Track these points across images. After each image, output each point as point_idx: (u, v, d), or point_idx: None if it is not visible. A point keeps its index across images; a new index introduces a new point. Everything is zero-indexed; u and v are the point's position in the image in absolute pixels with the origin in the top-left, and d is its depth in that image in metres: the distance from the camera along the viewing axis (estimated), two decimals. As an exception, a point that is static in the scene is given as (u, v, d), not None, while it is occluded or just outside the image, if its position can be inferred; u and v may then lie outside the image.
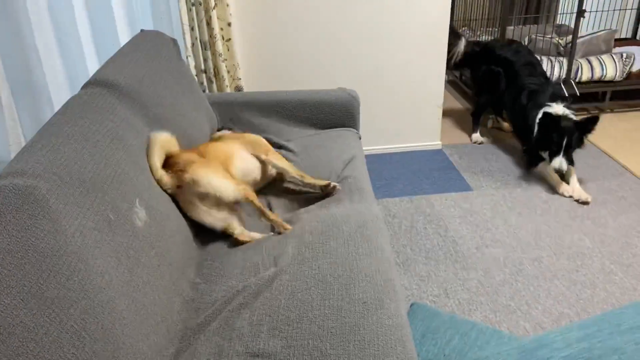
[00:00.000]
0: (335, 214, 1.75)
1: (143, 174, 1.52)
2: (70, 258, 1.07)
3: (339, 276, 1.45)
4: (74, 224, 1.15)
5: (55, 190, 1.16)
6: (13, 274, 0.95)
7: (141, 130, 1.65)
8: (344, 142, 2.27)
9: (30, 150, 1.26)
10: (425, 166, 3.13)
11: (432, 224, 2.56)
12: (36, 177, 1.15)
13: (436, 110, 3.22)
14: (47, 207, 1.10)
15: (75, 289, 1.04)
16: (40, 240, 1.04)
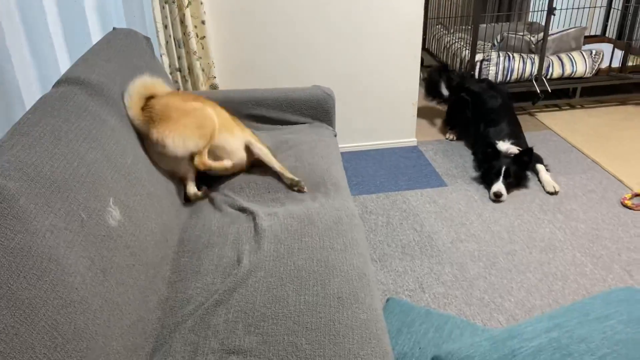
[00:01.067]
0: (311, 210, 1.77)
1: (119, 173, 1.51)
2: (41, 258, 1.06)
3: (314, 272, 1.46)
4: (45, 224, 1.13)
5: (25, 190, 1.15)
6: (-18, 275, 0.94)
7: (115, 127, 1.63)
8: (319, 139, 2.28)
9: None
10: (401, 163, 3.16)
11: (408, 220, 2.58)
12: (5, 177, 1.13)
13: (411, 108, 3.26)
14: (16, 206, 1.08)
15: (47, 289, 1.03)
16: (10, 240, 1.03)
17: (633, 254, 2.31)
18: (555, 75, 3.70)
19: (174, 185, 1.88)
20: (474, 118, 3.27)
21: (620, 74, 3.79)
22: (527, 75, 3.64)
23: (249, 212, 1.79)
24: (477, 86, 3.40)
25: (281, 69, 3.00)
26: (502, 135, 2.99)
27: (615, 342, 1.22)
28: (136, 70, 1.96)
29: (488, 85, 3.39)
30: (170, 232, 1.68)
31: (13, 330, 0.93)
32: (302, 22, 2.92)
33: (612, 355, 1.16)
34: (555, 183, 2.84)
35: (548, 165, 3.05)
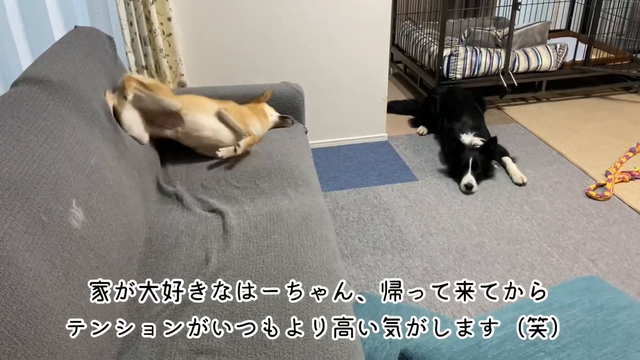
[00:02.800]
0: (281, 207, 1.76)
1: (82, 173, 1.47)
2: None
3: (283, 269, 1.46)
4: (3, 228, 1.10)
5: (-19, 193, 1.11)
6: None
7: (77, 126, 1.60)
8: (289, 135, 2.27)
9: (-47, 152, 1.20)
10: (372, 158, 3.18)
11: (379, 215, 2.60)
12: (-41, 180, 1.10)
13: (381, 103, 3.27)
14: (-28, 210, 1.05)
15: (6, 294, 1.01)
16: (-35, 245, 1.00)
17: (597, 244, 2.37)
18: (521, 69, 3.76)
19: (141, 183, 1.86)
20: (440, 114, 3.33)
21: (584, 67, 3.88)
22: (494, 69, 3.69)
23: (218, 211, 1.78)
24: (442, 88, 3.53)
25: (250, 65, 2.98)
26: (465, 128, 3.04)
27: (578, 330, 1.25)
28: (97, 70, 1.92)
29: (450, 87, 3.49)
30: (136, 232, 1.65)
31: (-31, 337, 0.90)
32: (270, 19, 2.90)
33: (575, 343, 1.19)
34: (523, 174, 2.89)
35: (516, 157, 3.10)
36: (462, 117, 3.14)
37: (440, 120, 3.32)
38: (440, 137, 3.34)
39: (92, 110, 1.73)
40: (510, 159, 3.03)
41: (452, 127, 3.12)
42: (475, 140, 2.93)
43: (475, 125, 3.09)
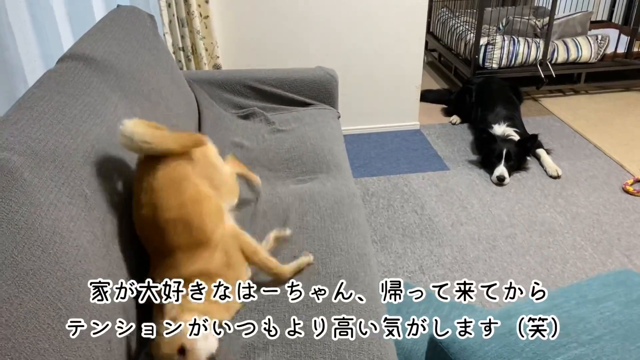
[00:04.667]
0: (313, 190, 1.77)
1: (122, 150, 1.51)
2: (45, 231, 1.07)
3: (314, 251, 1.47)
4: (49, 198, 1.14)
5: (30, 164, 1.15)
6: (-13, 246, 0.95)
7: (118, 104, 1.63)
8: (322, 120, 2.28)
9: (4, 124, 1.25)
10: (403, 146, 3.16)
11: (409, 203, 2.59)
12: (10, 150, 1.14)
13: (414, 91, 3.25)
14: (21, 180, 1.09)
15: (50, 260, 1.05)
16: (15, 213, 1.04)
17: (633, 239, 2.32)
18: (560, 60, 3.68)
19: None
20: (475, 104, 3.29)
21: (625, 59, 3.77)
22: (531, 59, 3.61)
23: (251, 193, 1.80)
24: (478, 78, 3.47)
25: (285, 49, 2.99)
26: (498, 119, 3.00)
27: (612, 322, 1.24)
28: (139, 49, 1.96)
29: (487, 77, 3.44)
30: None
31: (18, 299, 0.94)
32: (307, 2, 2.90)
33: (609, 335, 1.18)
34: (557, 167, 2.84)
35: (551, 149, 3.04)
36: (496, 107, 3.10)
37: (475, 110, 3.28)
38: (474, 127, 3.31)
39: (133, 89, 1.76)
40: (545, 151, 2.98)
41: (485, 117, 3.08)
42: (509, 131, 2.88)
43: (508, 115, 3.04)
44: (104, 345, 1.10)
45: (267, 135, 2.15)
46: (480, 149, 2.96)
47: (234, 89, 2.38)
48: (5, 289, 0.93)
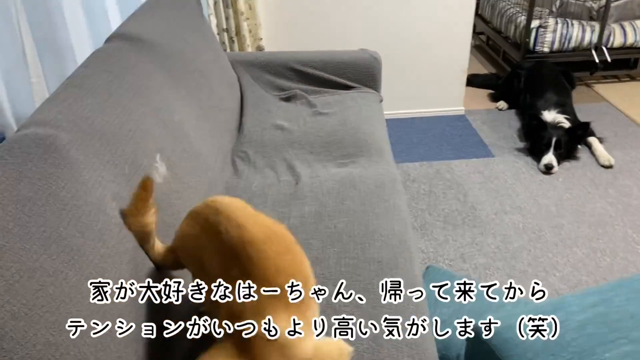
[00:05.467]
0: (354, 174, 1.75)
1: (166, 129, 1.52)
2: (89, 208, 1.09)
3: (355, 235, 1.45)
4: (94, 175, 1.16)
5: (76, 141, 1.17)
6: (34, 221, 0.97)
7: (163, 84, 1.65)
8: (364, 103, 2.24)
9: (52, 102, 1.27)
10: (447, 131, 3.09)
11: (452, 189, 2.53)
12: (57, 128, 1.16)
13: (460, 75, 3.15)
14: (67, 157, 1.11)
15: (95, 237, 1.06)
16: (61, 189, 1.06)
17: (690, 234, 2.21)
18: (616, 45, 3.50)
19: (219, 144, 1.90)
20: (524, 89, 3.17)
21: (688, 44, 3.55)
22: (585, 43, 3.45)
23: (291, 175, 1.79)
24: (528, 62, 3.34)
25: (328, 30, 2.95)
26: (548, 105, 2.89)
27: (667, 321, 1.17)
28: (185, 30, 1.97)
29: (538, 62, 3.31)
30: (213, 191, 1.70)
31: (62, 274, 0.96)
32: (351, -16, 2.84)
33: (662, 334, 1.12)
34: (610, 156, 2.72)
35: (603, 138, 2.91)
36: (546, 93, 2.98)
37: (523, 96, 3.16)
38: (522, 114, 3.19)
39: (178, 70, 1.77)
40: (597, 139, 2.85)
41: (534, 103, 2.97)
42: (559, 118, 2.77)
43: (559, 101, 2.92)
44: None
45: (308, 118, 2.13)
46: (529, 136, 2.86)
47: (277, 71, 2.37)
48: (51, 264, 0.95)
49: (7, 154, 1.05)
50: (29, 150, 1.07)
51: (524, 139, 2.95)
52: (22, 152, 1.06)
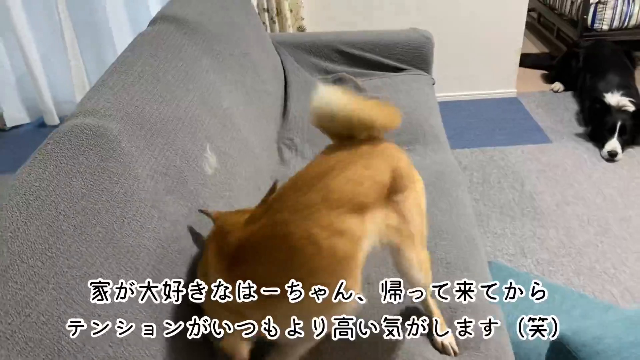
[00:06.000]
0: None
1: (215, 117, 1.44)
2: (143, 204, 1.01)
3: (419, 232, 1.34)
4: (146, 168, 1.08)
5: (127, 132, 1.09)
6: (88, 220, 0.90)
7: (210, 68, 1.56)
8: (417, 87, 2.12)
9: (100, 89, 1.20)
10: (499, 115, 2.93)
11: (507, 178, 2.39)
12: (107, 117, 1.09)
13: (513, 56, 2.98)
14: (119, 149, 1.03)
15: (149, 237, 0.99)
16: (114, 184, 0.99)
17: None
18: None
19: (266, 130, 1.81)
20: (583, 70, 2.98)
21: None
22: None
23: (345, 163, 1.69)
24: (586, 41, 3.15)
25: (374, 10, 2.80)
26: (611, 87, 2.70)
27: None
28: (228, 10, 1.87)
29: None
30: (263, 181, 1.61)
31: (118, 278, 0.89)
32: (399, -41, 2.69)
33: None
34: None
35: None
36: (607, 74, 2.79)
37: (582, 77, 2.97)
38: (580, 96, 3.00)
39: (224, 52, 1.68)
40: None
41: (595, 85, 2.78)
42: (624, 101, 2.59)
43: (622, 83, 2.73)
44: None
45: (358, 102, 2.02)
46: (590, 120, 2.68)
47: (322, 52, 2.26)
48: (107, 267, 0.88)
49: (57, 147, 0.97)
50: (79, 142, 1.00)
51: (585, 123, 2.77)
52: (72, 145, 0.99)
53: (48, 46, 2.99)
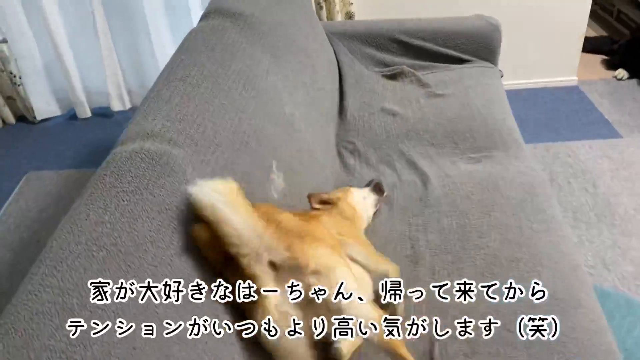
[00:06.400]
0: (494, 175, 1.46)
1: (279, 126, 1.28)
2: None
3: (516, 260, 1.17)
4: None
5: (191, 157, 0.95)
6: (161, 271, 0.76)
7: (269, 68, 1.39)
8: (486, 81, 1.92)
9: (157, 102, 1.04)
10: (560, 106, 2.71)
11: (577, 178, 2.19)
12: (170, 141, 0.94)
13: (576, 41, 2.74)
14: (184, 180, 0.88)
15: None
16: (183, 224, 0.84)
17: None
18: None
19: (326, 134, 1.64)
20: None
21: None
22: None
23: (415, 174, 1.52)
24: None
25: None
26: None
27: None
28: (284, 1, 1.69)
29: None
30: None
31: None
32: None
33: None
34: None
35: None
36: None
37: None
38: None
39: (281, 48, 1.51)
40: None
41: None
42: None
43: None
44: None
45: (422, 100, 1.83)
46: None
47: (378, 42, 2.07)
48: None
49: (116, 180, 0.83)
50: (141, 172, 0.85)
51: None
52: (133, 177, 0.84)
53: (79, 34, 2.84)
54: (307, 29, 1.77)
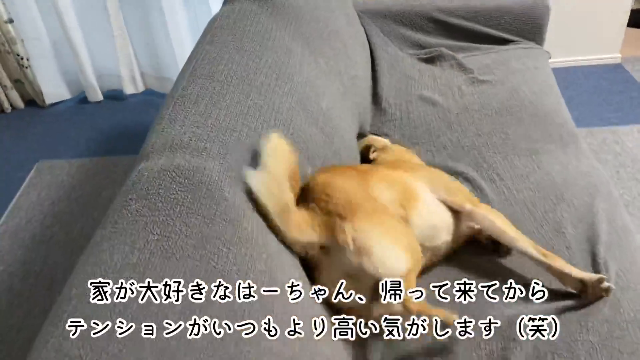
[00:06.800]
0: (553, 176, 1.30)
1: (315, 125, 1.14)
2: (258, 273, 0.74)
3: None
4: (253, 220, 0.80)
5: (227, 172, 0.81)
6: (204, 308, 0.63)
7: (302, 58, 1.25)
8: (533, 65, 1.75)
9: (183, 103, 0.91)
10: (603, 87, 2.52)
11: (627, 167, 2.03)
12: (202, 153, 0.80)
13: (621, 15, 2.53)
14: (223, 202, 0.76)
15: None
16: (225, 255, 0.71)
17: None
18: None
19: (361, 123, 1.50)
20: None
21: None
22: None
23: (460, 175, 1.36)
24: None
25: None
26: None
27: None
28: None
29: None
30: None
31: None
32: None
33: None
34: None
35: None
36: None
37: None
38: None
39: (314, 34, 1.36)
40: None
41: None
42: None
43: None
44: None
45: (465, 87, 1.67)
46: None
47: (413, 22, 1.90)
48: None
49: (144, 207, 0.71)
50: (173, 196, 0.73)
51: None
52: (163, 203, 0.71)
53: (87, 9, 2.67)
54: (337, 8, 1.60)
